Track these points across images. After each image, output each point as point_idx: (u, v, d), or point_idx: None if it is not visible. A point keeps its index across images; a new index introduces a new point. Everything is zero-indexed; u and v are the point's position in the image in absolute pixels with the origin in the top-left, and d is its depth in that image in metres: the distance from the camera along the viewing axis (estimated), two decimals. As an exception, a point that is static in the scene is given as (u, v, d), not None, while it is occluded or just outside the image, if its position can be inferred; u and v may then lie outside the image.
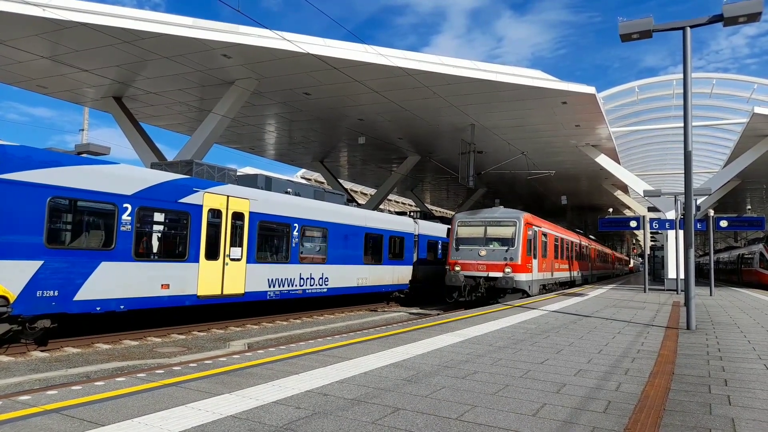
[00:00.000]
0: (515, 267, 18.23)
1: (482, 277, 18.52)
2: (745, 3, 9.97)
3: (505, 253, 18.49)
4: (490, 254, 18.67)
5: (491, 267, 18.47)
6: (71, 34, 16.54)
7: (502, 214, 19.48)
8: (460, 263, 18.97)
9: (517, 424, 4.09)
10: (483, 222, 19.37)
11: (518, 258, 18.33)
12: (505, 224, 19.02)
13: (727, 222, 24.18)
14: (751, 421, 4.32)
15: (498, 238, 18.92)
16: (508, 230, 18.86)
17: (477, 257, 18.80)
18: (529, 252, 18.93)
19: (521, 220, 18.94)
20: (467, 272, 18.69)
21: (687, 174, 10.55)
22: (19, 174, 9.52)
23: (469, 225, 19.56)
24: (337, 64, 17.99)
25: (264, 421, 3.97)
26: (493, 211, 19.98)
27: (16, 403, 4.28)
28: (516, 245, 18.50)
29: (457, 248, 19.34)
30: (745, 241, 51.86)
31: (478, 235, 19.20)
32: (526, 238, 18.70)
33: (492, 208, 20.58)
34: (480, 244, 19.03)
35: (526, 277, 18.74)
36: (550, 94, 20.29)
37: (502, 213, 19.64)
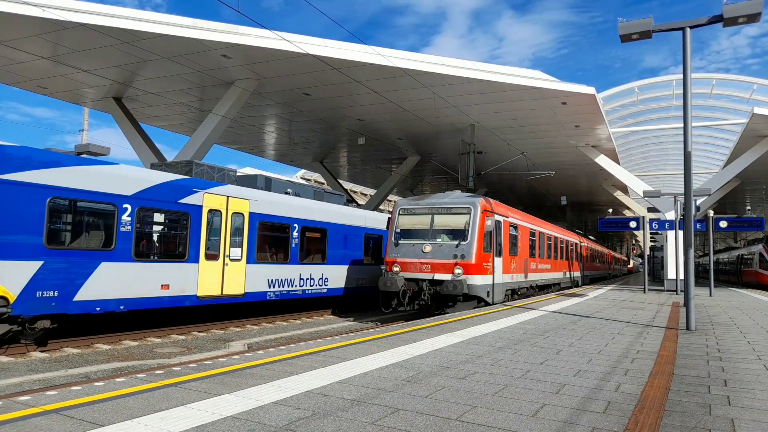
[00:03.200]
0: (468, 267, 14.27)
1: (426, 279, 14.52)
2: (745, 3, 9.97)
3: (454, 249, 14.50)
4: (437, 250, 14.67)
5: (437, 267, 14.54)
6: (71, 34, 16.55)
7: (454, 200, 15.46)
8: (399, 262, 15.03)
9: (516, 424, 4.09)
10: (429, 209, 15.40)
11: (471, 255, 14.33)
12: (456, 212, 15.06)
13: (726, 222, 24.21)
14: (750, 422, 4.32)
15: (447, 230, 14.98)
16: (460, 219, 14.88)
17: (420, 254, 14.84)
18: (487, 248, 15.08)
19: (477, 207, 14.90)
20: (408, 273, 14.80)
21: (686, 174, 10.55)
22: (19, 174, 9.52)
23: (412, 213, 15.63)
24: (336, 65, 17.99)
25: (264, 422, 3.97)
26: (443, 195, 16.13)
27: (16, 403, 4.28)
28: (469, 239, 14.51)
29: (396, 243, 15.38)
30: (745, 241, 51.87)
31: (423, 226, 15.29)
32: (482, 230, 14.74)
33: (446, 192, 16.69)
34: (425, 237, 15.11)
35: (483, 279, 14.61)
36: (550, 94, 20.30)
37: (453, 198, 15.66)
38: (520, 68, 19.90)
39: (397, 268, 15.02)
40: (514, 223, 18.08)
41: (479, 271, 14.50)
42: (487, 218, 15.05)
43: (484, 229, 14.88)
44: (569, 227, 43.13)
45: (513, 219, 17.99)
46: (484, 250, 14.88)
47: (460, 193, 16.32)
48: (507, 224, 17.09)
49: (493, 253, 15.46)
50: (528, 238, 19.78)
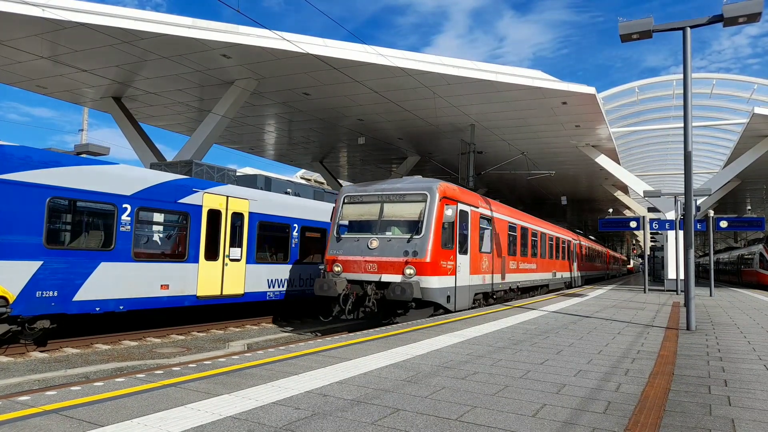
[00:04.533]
0: (421, 266, 11.82)
1: (373, 282, 12.09)
2: (745, 3, 9.97)
3: (405, 245, 12.00)
4: (385, 246, 12.18)
5: (385, 266, 12.07)
6: (71, 34, 16.54)
7: (407, 185, 12.99)
8: (341, 261, 12.48)
9: (517, 424, 4.08)
10: (379, 197, 12.92)
11: (426, 252, 11.90)
12: (409, 199, 12.60)
13: (727, 222, 24.19)
14: (751, 422, 4.31)
15: (398, 222, 12.57)
16: (413, 209, 12.41)
17: (366, 251, 12.30)
18: (448, 243, 12.68)
19: (434, 193, 12.42)
20: (351, 274, 12.35)
21: (687, 174, 10.54)
22: (19, 174, 9.51)
23: (358, 201, 13.17)
24: (336, 64, 17.98)
25: (263, 422, 3.96)
26: (399, 180, 13.66)
27: (15, 403, 4.27)
28: (424, 232, 12.06)
29: (338, 237, 12.84)
30: (745, 241, 51.87)
31: (370, 217, 12.83)
32: (440, 221, 12.28)
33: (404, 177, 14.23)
34: (373, 230, 12.66)
35: (441, 281, 12.15)
36: (550, 94, 20.29)
37: (407, 183, 13.17)
38: (521, 68, 19.89)
39: (339, 267, 12.48)
40: (487, 215, 15.53)
41: (435, 272, 12.00)
42: (447, 207, 12.50)
43: (443, 220, 12.32)
44: (569, 227, 42.98)
45: (485, 210, 15.40)
46: (443, 246, 12.37)
47: (421, 178, 13.65)
48: (476, 216, 14.53)
49: (456, 250, 12.97)
50: (507, 234, 17.42)
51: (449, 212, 12.54)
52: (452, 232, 12.89)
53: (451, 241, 12.86)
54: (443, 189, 12.73)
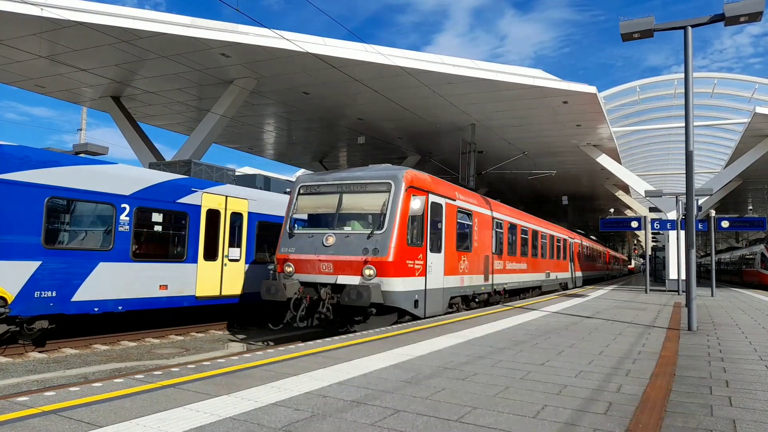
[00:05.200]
0: (382, 266, 10.25)
1: (329, 284, 10.60)
2: (747, 2, 9.94)
3: (365, 242, 10.46)
4: (342, 243, 10.64)
5: (341, 266, 10.53)
6: (69, 33, 16.52)
7: (370, 172, 11.42)
8: (293, 260, 10.98)
9: (517, 425, 4.05)
10: (338, 186, 11.36)
11: (388, 250, 10.28)
12: (371, 188, 11.04)
13: (728, 222, 24.16)
14: (752, 423, 4.28)
15: (357, 215, 11.09)
16: (376, 200, 10.88)
17: (321, 249, 10.77)
18: (416, 239, 11.10)
19: (399, 182, 10.83)
20: (304, 275, 10.87)
21: (688, 174, 10.51)
22: (17, 174, 9.49)
23: (315, 192, 11.63)
24: (336, 64, 17.95)
25: (263, 423, 3.93)
26: (361, 169, 11.92)
27: (14, 404, 4.25)
28: (386, 227, 10.47)
29: (290, 233, 11.30)
30: (747, 241, 51.86)
31: (328, 210, 11.32)
32: (406, 214, 10.68)
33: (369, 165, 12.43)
34: (330, 224, 11.12)
35: (406, 284, 10.61)
36: (551, 93, 20.26)
37: (371, 171, 11.54)
38: (521, 67, 19.84)
39: (290, 268, 10.95)
40: (467, 209, 13.90)
41: (399, 272, 10.40)
42: (414, 198, 10.83)
43: (410, 212, 10.71)
44: (569, 226, 42.94)
45: (465, 203, 13.77)
46: (410, 243, 10.79)
47: (389, 165, 12.08)
48: (453, 209, 12.90)
49: (426, 247, 11.40)
50: (491, 230, 15.73)
51: (417, 204, 10.81)
52: (422, 226, 11.30)
53: (421, 238, 11.26)
54: (410, 177, 11.04)
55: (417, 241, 11.17)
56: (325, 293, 10.54)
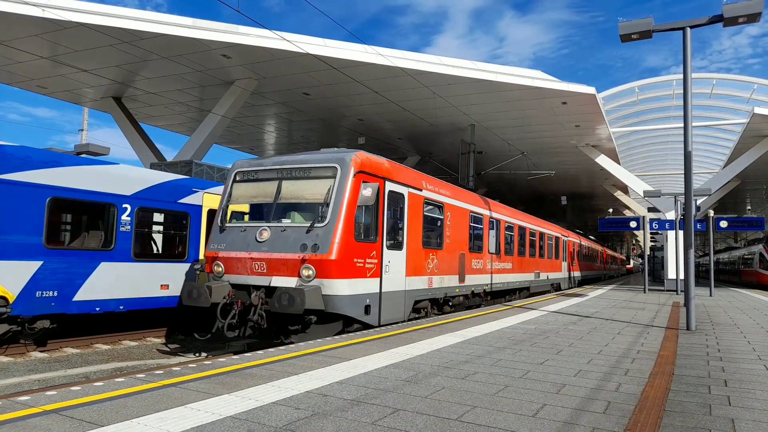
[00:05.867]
0: (324, 265, 8.74)
1: (262, 287, 9.09)
2: (745, 3, 9.97)
3: (304, 236, 8.94)
4: (277, 238, 9.12)
5: (276, 265, 9.01)
6: (71, 34, 16.55)
7: (313, 157, 9.85)
8: (222, 258, 9.50)
9: (516, 424, 4.08)
10: (278, 171, 9.79)
11: (330, 246, 8.76)
12: (315, 174, 9.46)
13: (727, 222, 24.21)
14: (751, 422, 4.31)
15: (297, 205, 9.55)
16: (319, 187, 9.31)
17: (253, 245, 9.27)
18: (368, 234, 9.62)
19: (346, 167, 9.29)
20: (235, 276, 9.39)
21: (687, 174, 10.54)
22: (19, 174, 9.51)
23: (252, 179, 10.08)
24: (336, 64, 17.99)
25: (263, 422, 3.96)
26: (309, 153, 10.34)
27: (15, 403, 4.27)
28: (329, 218, 8.93)
29: (221, 227, 9.84)
30: (745, 241, 51.90)
31: (265, 199, 9.75)
32: (354, 204, 9.15)
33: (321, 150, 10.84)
34: (266, 216, 9.62)
35: (353, 286, 9.11)
36: (550, 94, 20.30)
37: (315, 155, 9.98)
38: (521, 68, 19.91)
39: (220, 267, 9.48)
40: (437, 201, 12.36)
41: (344, 272, 8.89)
42: (365, 186, 9.24)
43: (359, 202, 9.19)
44: (568, 226, 42.90)
45: (435, 194, 12.26)
46: (359, 238, 9.31)
47: (341, 149, 10.48)
48: (418, 200, 11.39)
49: (381, 243, 9.86)
50: (467, 225, 14.20)
51: (368, 192, 9.18)
52: (376, 219, 9.75)
53: (374, 232, 9.71)
54: (361, 161, 9.44)
55: (369, 236, 9.62)
56: (257, 297, 8.97)
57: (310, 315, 8.82)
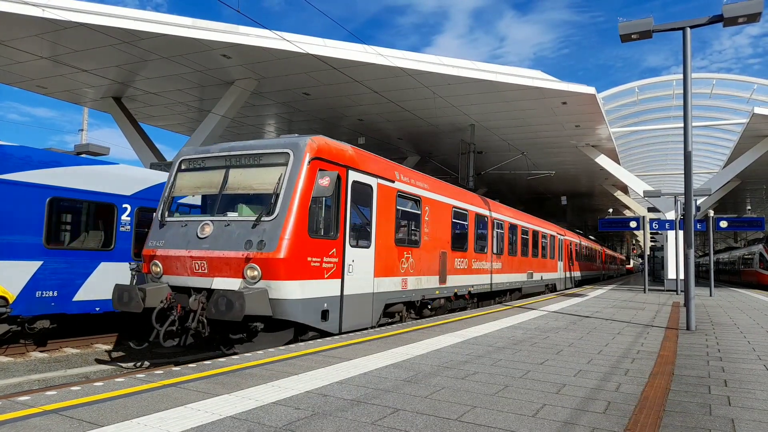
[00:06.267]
0: (271, 265, 7.72)
1: (204, 289, 8.06)
2: (745, 3, 9.98)
3: (250, 232, 7.96)
4: (221, 234, 8.14)
5: (218, 265, 8.00)
6: (71, 34, 16.55)
7: (265, 142, 8.80)
8: (161, 256, 8.45)
9: (516, 424, 4.08)
10: (225, 159, 8.80)
11: (279, 243, 7.74)
12: (266, 162, 8.47)
13: (727, 222, 24.21)
14: (751, 422, 4.31)
15: (246, 196, 8.54)
16: (269, 176, 8.33)
17: (194, 242, 8.26)
18: (325, 229, 8.61)
19: (300, 153, 8.28)
20: (175, 277, 8.33)
21: (687, 174, 10.55)
22: (19, 174, 9.52)
23: (199, 168, 9.06)
24: (336, 65, 17.99)
25: (263, 422, 3.96)
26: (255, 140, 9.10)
27: (15, 403, 4.27)
28: (278, 211, 7.94)
29: (162, 221, 8.83)
30: (745, 241, 51.91)
31: (210, 189, 8.80)
32: (308, 195, 8.14)
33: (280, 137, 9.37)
34: (210, 209, 8.74)
35: (307, 289, 8.05)
36: (550, 94, 20.30)
37: (267, 141, 8.88)
38: (521, 68, 19.92)
39: (158, 267, 8.42)
40: (413, 194, 11.34)
41: (296, 273, 7.83)
42: (323, 174, 8.21)
43: (314, 193, 8.16)
44: (569, 226, 42.83)
45: (408, 186, 11.18)
46: (315, 233, 8.29)
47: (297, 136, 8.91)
48: (390, 193, 10.35)
49: (343, 240, 8.82)
50: (449, 222, 13.19)
51: (325, 181, 8.10)
52: (336, 213, 8.76)
53: (335, 227, 8.72)
54: (317, 146, 8.40)
55: (328, 231, 8.62)
56: (196, 302, 7.91)
57: (256, 322, 7.75)
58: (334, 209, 8.81)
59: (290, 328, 8.30)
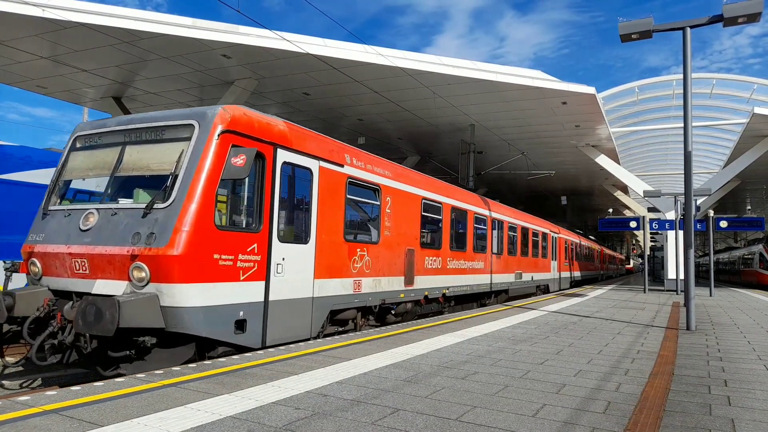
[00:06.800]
0: (162, 263, 6.13)
1: (85, 294, 6.46)
2: (745, 3, 9.99)
3: (139, 222, 6.45)
4: (105, 225, 6.66)
5: (100, 264, 6.48)
6: (71, 34, 16.55)
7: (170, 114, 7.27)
8: (38, 253, 7.10)
9: (516, 424, 4.08)
10: (123, 135, 7.36)
11: (173, 236, 6.19)
12: (167, 137, 7.03)
13: (726, 222, 24.23)
14: (750, 422, 4.31)
15: (143, 178, 7.10)
16: (168, 154, 6.88)
17: (75, 235, 6.81)
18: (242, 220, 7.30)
19: (208, 124, 6.82)
20: (55, 279, 6.96)
21: (687, 174, 10.55)
22: (19, 174, 9.52)
23: (94, 145, 7.64)
24: (336, 65, 17.99)
25: (263, 422, 3.96)
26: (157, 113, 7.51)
27: (15, 403, 4.27)
28: (176, 197, 6.43)
29: (45, 211, 7.46)
30: (745, 241, 51.92)
31: (103, 171, 7.37)
32: (217, 176, 6.65)
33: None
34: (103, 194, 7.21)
35: (212, 295, 6.50)
36: (550, 94, 20.30)
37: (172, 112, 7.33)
38: (520, 68, 19.91)
39: (36, 267, 7.10)
40: (369, 182, 9.97)
41: (197, 274, 6.32)
42: (237, 151, 6.74)
43: (225, 174, 6.66)
44: (569, 226, 42.80)
45: (362, 172, 9.78)
46: (225, 225, 6.85)
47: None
48: (338, 179, 9.00)
49: (268, 233, 7.33)
50: (418, 215, 11.87)
51: (239, 160, 6.61)
52: (260, 200, 7.30)
53: (256, 218, 7.24)
54: (230, 117, 6.94)
55: (245, 223, 7.19)
56: (72, 310, 6.40)
57: (146, 336, 6.16)
58: (257, 196, 7.31)
59: (188, 345, 6.74)
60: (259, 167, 7.34)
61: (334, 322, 9.25)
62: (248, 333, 6.98)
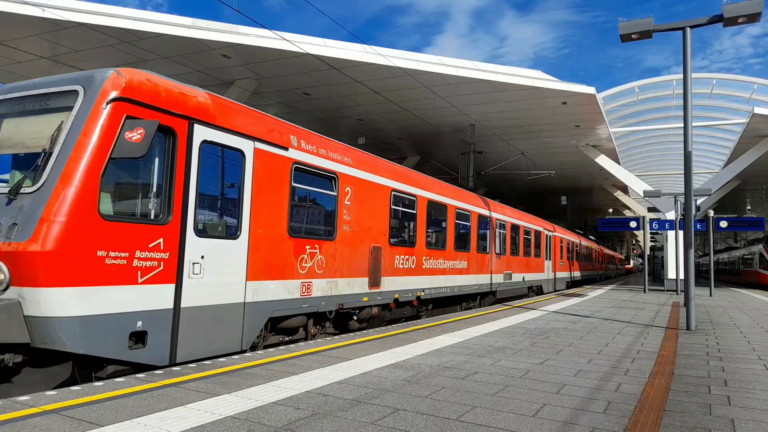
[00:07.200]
0: (25, 261, 4.90)
1: None
2: (745, 3, 9.99)
3: (2, 211, 5.18)
4: None
5: None
6: (71, 34, 16.56)
7: (52, 80, 5.90)
8: None
9: (516, 424, 4.08)
10: (4, 106, 6.09)
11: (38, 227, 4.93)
12: (49, 107, 5.72)
13: (726, 222, 24.22)
14: (750, 422, 4.31)
15: (19, 156, 5.84)
16: (48, 126, 5.56)
17: None
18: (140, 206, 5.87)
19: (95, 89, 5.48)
20: None
21: (687, 174, 10.55)
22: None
23: None
24: (336, 65, 18.00)
25: (263, 422, 3.96)
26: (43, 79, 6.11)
27: (15, 403, 4.27)
28: (47, 179, 5.16)
29: None
30: (745, 241, 51.92)
31: None
32: (103, 153, 5.33)
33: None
34: None
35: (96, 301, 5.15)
36: (550, 94, 20.30)
37: (59, 77, 5.94)
38: (521, 68, 19.91)
39: None
40: (324, 168, 8.80)
41: (73, 275, 5.07)
42: (132, 123, 5.57)
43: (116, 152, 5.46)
44: (569, 226, 42.76)
45: (314, 157, 8.59)
46: (116, 214, 5.61)
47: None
48: (282, 164, 7.89)
49: (180, 225, 6.11)
50: (386, 209, 10.62)
51: (135, 134, 5.48)
52: (168, 183, 6.03)
53: (163, 206, 5.99)
54: (126, 82, 5.67)
55: (146, 211, 5.91)
56: None
57: (4, 353, 5.02)
58: (165, 180, 6.02)
59: (68, 362, 5.54)
60: (168, 145, 6.04)
61: (279, 330, 8.01)
62: (150, 348, 5.70)
